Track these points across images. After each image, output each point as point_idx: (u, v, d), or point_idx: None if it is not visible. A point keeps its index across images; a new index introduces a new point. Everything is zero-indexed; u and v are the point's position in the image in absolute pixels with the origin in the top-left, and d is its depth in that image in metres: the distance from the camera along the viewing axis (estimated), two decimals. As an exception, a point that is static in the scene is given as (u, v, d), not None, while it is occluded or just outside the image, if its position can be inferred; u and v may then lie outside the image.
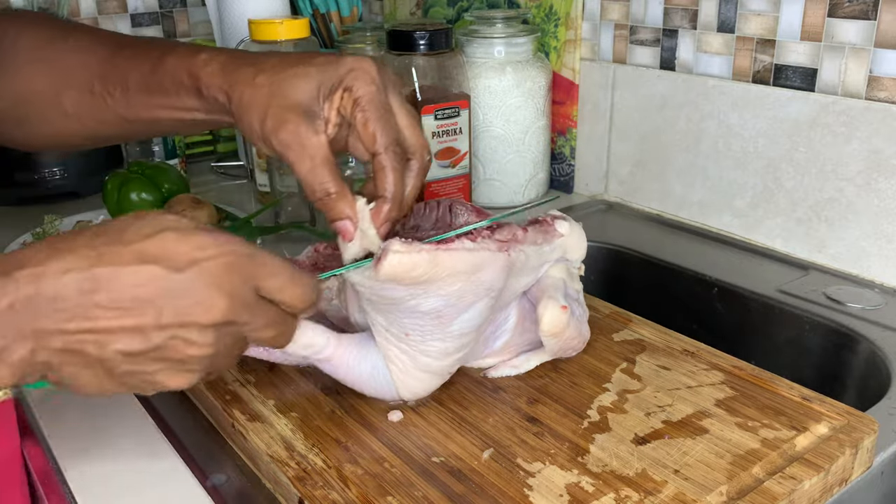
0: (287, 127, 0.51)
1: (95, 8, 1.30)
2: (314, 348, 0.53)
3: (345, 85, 0.53)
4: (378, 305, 0.53)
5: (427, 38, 0.87)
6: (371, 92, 0.52)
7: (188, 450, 0.56)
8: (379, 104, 0.53)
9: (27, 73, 0.62)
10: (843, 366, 0.71)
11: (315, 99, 0.53)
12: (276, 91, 0.52)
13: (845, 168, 0.77)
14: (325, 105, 0.53)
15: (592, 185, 1.04)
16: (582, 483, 0.47)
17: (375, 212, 0.53)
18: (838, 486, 0.50)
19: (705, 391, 0.56)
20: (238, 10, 1.07)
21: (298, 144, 0.51)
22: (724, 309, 0.81)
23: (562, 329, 0.57)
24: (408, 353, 0.54)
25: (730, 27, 0.85)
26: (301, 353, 0.53)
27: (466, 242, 0.52)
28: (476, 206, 0.64)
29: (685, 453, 0.49)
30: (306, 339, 0.52)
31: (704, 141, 0.89)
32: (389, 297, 0.52)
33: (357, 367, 0.55)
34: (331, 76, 0.53)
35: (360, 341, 0.55)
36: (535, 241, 0.57)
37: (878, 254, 0.77)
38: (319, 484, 0.48)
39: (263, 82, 0.53)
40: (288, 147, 0.51)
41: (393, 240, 0.50)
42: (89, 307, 0.40)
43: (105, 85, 0.59)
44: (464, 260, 0.51)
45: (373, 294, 0.52)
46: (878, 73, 0.74)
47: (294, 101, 0.52)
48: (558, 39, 1.02)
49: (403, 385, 0.55)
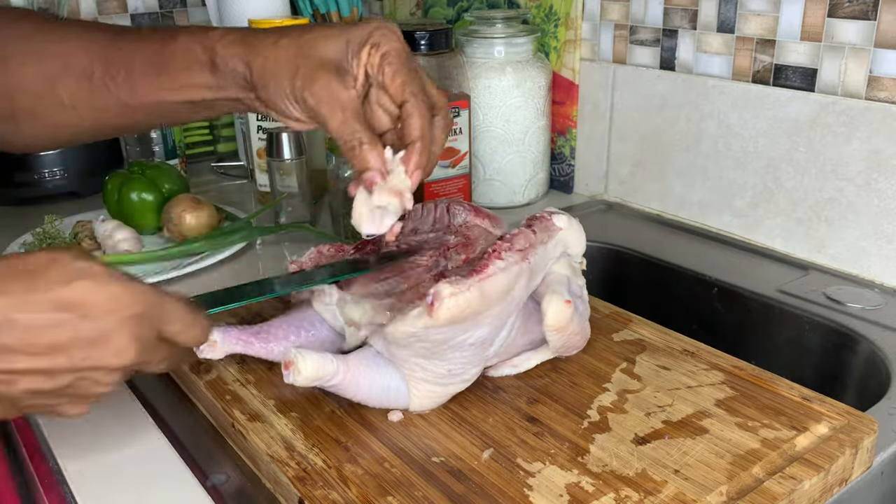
0: (319, 82, 0.53)
1: (95, 8, 1.30)
2: (324, 378, 0.52)
3: (372, 41, 0.54)
4: (417, 350, 0.52)
5: (427, 39, 0.87)
6: (397, 48, 0.54)
7: (188, 450, 0.56)
8: (405, 57, 0.54)
9: (15, 66, 0.60)
10: (843, 366, 0.71)
11: (344, 55, 0.54)
12: (304, 51, 0.54)
13: (845, 168, 0.77)
14: (353, 62, 0.54)
15: (592, 185, 1.04)
16: (582, 483, 0.47)
17: (405, 159, 0.53)
18: (838, 486, 0.50)
19: (705, 391, 0.56)
20: (238, 11, 1.07)
21: (331, 98, 0.52)
22: (724, 309, 0.81)
23: (566, 323, 0.57)
24: (441, 384, 0.54)
25: (730, 27, 0.85)
26: (311, 384, 0.52)
27: (498, 263, 0.53)
28: (474, 206, 0.64)
29: (685, 453, 0.49)
30: (314, 371, 0.51)
31: (704, 141, 0.89)
32: (436, 340, 0.52)
33: (368, 387, 0.54)
34: (358, 34, 0.54)
35: (369, 360, 0.55)
36: (542, 241, 0.58)
37: (878, 254, 0.77)
38: (319, 484, 0.48)
39: (288, 44, 0.54)
40: (321, 101, 0.53)
41: (441, 284, 0.50)
42: (2, 350, 0.41)
43: (108, 68, 0.59)
44: (503, 282, 0.52)
45: (418, 341, 0.52)
46: (878, 73, 0.74)
47: (324, 59, 0.54)
48: (558, 39, 1.02)
49: (419, 404, 0.55)
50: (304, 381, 0.52)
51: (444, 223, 0.64)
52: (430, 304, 0.50)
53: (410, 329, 0.51)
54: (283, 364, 0.52)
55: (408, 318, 0.51)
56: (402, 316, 0.51)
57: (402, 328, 0.51)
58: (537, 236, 0.57)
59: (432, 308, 0.49)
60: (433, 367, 0.53)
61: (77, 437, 0.56)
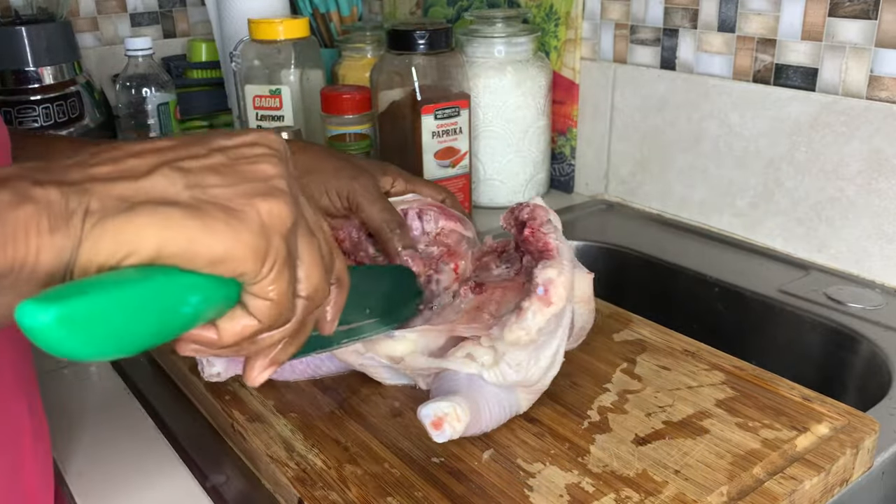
0: (361, 180, 0.64)
1: (95, 8, 1.29)
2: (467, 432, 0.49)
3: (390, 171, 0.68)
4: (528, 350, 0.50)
5: (427, 38, 0.87)
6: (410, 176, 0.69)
7: (188, 450, 0.56)
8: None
9: None
10: (844, 366, 0.71)
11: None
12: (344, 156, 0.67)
13: (846, 168, 0.77)
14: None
15: (593, 185, 1.04)
16: (582, 483, 0.47)
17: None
18: (839, 487, 0.50)
19: (706, 391, 0.56)
20: (238, 10, 1.07)
21: (371, 193, 0.64)
22: (724, 309, 0.81)
23: (591, 294, 0.57)
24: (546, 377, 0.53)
25: (730, 27, 0.85)
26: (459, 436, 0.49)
27: (552, 236, 0.53)
28: (442, 208, 0.65)
29: (686, 454, 0.49)
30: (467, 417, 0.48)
31: (705, 141, 0.89)
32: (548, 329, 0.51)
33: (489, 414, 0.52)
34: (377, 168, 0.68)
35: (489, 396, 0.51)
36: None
37: (878, 254, 0.76)
38: (319, 484, 0.48)
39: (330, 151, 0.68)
40: (361, 195, 0.63)
41: (544, 271, 0.49)
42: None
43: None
44: (569, 253, 0.53)
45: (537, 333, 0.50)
46: (879, 73, 0.74)
47: (363, 166, 0.67)
48: (558, 39, 1.02)
49: (525, 406, 0.54)
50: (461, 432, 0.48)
51: (417, 230, 0.64)
52: (545, 293, 0.49)
53: (534, 327, 0.49)
54: (432, 424, 0.47)
55: (524, 319, 0.49)
56: (516, 321, 0.49)
57: (521, 331, 0.49)
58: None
59: (548, 295, 0.49)
60: (542, 364, 0.52)
61: (77, 437, 0.56)
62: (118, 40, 1.30)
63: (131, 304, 0.30)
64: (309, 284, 0.36)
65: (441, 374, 0.53)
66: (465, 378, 0.51)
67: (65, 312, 0.27)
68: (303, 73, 0.96)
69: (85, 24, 1.29)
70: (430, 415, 0.47)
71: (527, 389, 0.53)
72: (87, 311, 0.28)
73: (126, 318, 0.30)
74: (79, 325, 0.28)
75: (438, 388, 0.52)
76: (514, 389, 0.52)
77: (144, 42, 1.06)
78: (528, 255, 0.57)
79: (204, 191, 0.32)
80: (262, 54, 0.95)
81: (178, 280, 0.31)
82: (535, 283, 0.50)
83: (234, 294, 0.34)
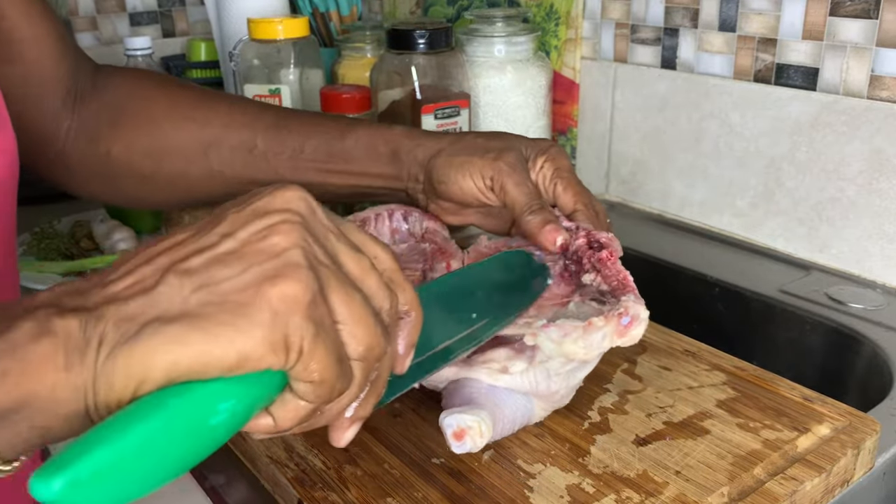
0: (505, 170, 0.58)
1: (94, 7, 1.29)
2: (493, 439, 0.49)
3: (548, 155, 0.60)
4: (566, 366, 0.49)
5: (427, 37, 0.87)
6: (568, 166, 0.61)
7: (187, 450, 0.55)
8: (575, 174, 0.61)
9: (169, 129, 0.63)
10: (845, 366, 0.71)
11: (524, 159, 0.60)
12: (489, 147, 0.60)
13: (847, 168, 0.77)
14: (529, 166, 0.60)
15: (593, 185, 1.04)
16: (583, 484, 0.47)
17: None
18: (840, 488, 0.50)
19: (706, 392, 0.56)
20: (237, 9, 1.07)
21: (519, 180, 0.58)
22: (725, 309, 0.81)
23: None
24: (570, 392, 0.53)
25: (731, 26, 0.85)
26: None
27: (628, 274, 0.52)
28: (428, 213, 0.64)
29: (686, 454, 0.49)
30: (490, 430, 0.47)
31: (705, 140, 0.89)
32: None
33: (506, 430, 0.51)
34: (535, 146, 0.61)
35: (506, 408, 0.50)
36: None
37: (879, 254, 0.76)
38: (319, 485, 0.48)
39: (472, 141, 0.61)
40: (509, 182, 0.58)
41: (635, 305, 0.47)
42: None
43: (272, 144, 0.62)
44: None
45: (596, 356, 0.49)
46: (880, 73, 0.74)
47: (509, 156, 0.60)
48: (559, 38, 1.02)
49: (540, 415, 0.53)
50: (480, 447, 0.47)
51: (403, 232, 0.64)
52: (628, 325, 0.47)
53: (597, 349, 0.47)
54: (454, 434, 0.46)
55: (592, 336, 0.46)
56: (583, 335, 0.46)
57: (582, 347, 0.47)
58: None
59: (629, 328, 0.47)
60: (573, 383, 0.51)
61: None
62: (117, 40, 1.30)
63: (145, 444, 0.28)
64: (358, 344, 0.34)
65: (459, 381, 0.51)
66: (485, 388, 0.49)
67: (72, 478, 0.27)
68: (302, 73, 0.96)
69: (84, 24, 1.29)
70: (453, 425, 0.46)
71: (544, 402, 0.51)
72: (97, 468, 0.27)
73: (144, 458, 0.28)
74: (93, 484, 0.27)
75: (455, 392, 0.50)
76: (532, 401, 0.51)
77: (144, 42, 1.06)
78: (598, 278, 0.53)
79: (212, 290, 0.31)
80: (262, 54, 0.95)
81: (199, 393, 0.30)
82: (620, 310, 0.47)
83: (276, 380, 0.32)
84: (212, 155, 0.63)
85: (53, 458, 0.27)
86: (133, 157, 0.63)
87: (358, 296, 0.34)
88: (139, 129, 0.63)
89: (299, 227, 0.33)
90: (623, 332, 0.47)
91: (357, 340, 0.34)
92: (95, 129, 0.63)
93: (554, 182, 0.59)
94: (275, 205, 0.34)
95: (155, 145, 0.63)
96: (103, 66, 0.67)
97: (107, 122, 0.63)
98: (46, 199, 1.07)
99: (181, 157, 0.63)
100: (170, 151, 0.63)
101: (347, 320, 0.33)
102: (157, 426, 0.29)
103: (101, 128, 0.63)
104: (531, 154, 0.60)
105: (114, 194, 0.67)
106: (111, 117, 0.63)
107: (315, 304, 0.32)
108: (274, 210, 0.33)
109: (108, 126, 0.63)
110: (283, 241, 0.32)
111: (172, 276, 0.31)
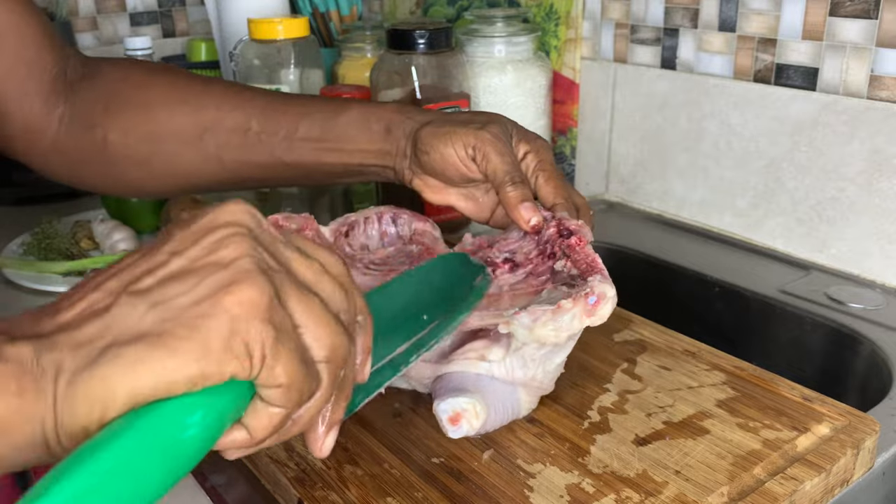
0: (490, 143, 0.59)
1: (94, 7, 1.29)
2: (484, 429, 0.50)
3: (533, 146, 0.61)
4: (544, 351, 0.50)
5: (427, 38, 0.87)
6: (551, 160, 0.61)
7: (187, 450, 0.55)
8: (556, 168, 0.61)
9: (164, 113, 0.63)
10: (845, 366, 0.71)
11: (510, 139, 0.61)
12: (475, 122, 0.61)
13: (847, 168, 0.77)
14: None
15: (593, 185, 1.04)
16: (582, 484, 0.47)
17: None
18: (839, 487, 0.50)
19: (706, 391, 0.56)
20: (237, 9, 1.07)
21: (502, 152, 0.59)
22: (724, 309, 0.81)
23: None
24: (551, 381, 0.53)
25: (731, 26, 0.85)
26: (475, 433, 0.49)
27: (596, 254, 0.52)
28: (417, 214, 0.64)
29: (686, 454, 0.49)
30: (485, 413, 0.48)
31: (705, 140, 0.89)
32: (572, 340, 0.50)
33: (497, 420, 0.51)
34: (523, 132, 0.62)
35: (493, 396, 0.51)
36: None
37: (879, 254, 0.76)
38: (319, 485, 0.48)
39: (460, 117, 0.62)
40: (492, 153, 0.58)
41: (600, 284, 0.48)
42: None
43: (266, 126, 0.63)
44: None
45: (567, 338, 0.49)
46: (880, 73, 0.74)
47: (495, 132, 0.60)
48: (559, 38, 1.02)
49: (528, 408, 0.53)
50: (476, 430, 0.47)
51: (392, 234, 0.64)
52: (595, 304, 0.47)
53: (567, 330, 0.47)
54: (450, 419, 0.47)
55: (561, 319, 0.47)
56: (552, 317, 0.47)
57: (552, 330, 0.47)
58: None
59: (596, 307, 0.47)
60: (549, 368, 0.51)
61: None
62: (117, 40, 1.30)
63: (119, 467, 0.28)
64: (321, 346, 0.33)
65: (445, 374, 0.52)
66: (472, 377, 0.50)
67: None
68: (302, 73, 0.96)
69: (84, 24, 1.29)
70: (447, 410, 0.47)
71: (527, 390, 0.52)
72: (74, 496, 0.27)
73: (122, 481, 0.28)
74: None
75: (443, 387, 0.51)
76: (516, 390, 0.52)
77: (144, 42, 1.06)
78: (569, 264, 0.54)
79: (167, 307, 0.31)
80: (262, 54, 0.95)
81: (166, 409, 0.29)
82: (586, 290, 0.47)
83: (243, 390, 0.32)
84: (208, 138, 0.63)
85: (30, 491, 0.27)
86: (129, 141, 0.63)
87: (315, 298, 0.34)
88: (135, 115, 0.63)
89: (247, 238, 0.33)
90: (591, 312, 0.47)
91: (320, 343, 0.33)
92: (90, 115, 0.63)
93: (536, 174, 0.60)
94: (220, 220, 0.33)
95: (151, 130, 0.63)
96: (92, 58, 0.67)
97: (101, 109, 0.63)
98: (46, 199, 1.08)
99: (177, 141, 0.63)
100: (166, 136, 0.63)
101: (308, 323, 0.33)
102: (129, 447, 0.28)
103: (95, 114, 0.63)
104: (515, 136, 0.61)
105: (111, 182, 0.67)
106: (105, 104, 0.63)
107: (273, 308, 0.31)
108: (220, 225, 0.33)
109: (102, 112, 0.63)
110: (233, 253, 0.32)
111: (125, 298, 0.31)
